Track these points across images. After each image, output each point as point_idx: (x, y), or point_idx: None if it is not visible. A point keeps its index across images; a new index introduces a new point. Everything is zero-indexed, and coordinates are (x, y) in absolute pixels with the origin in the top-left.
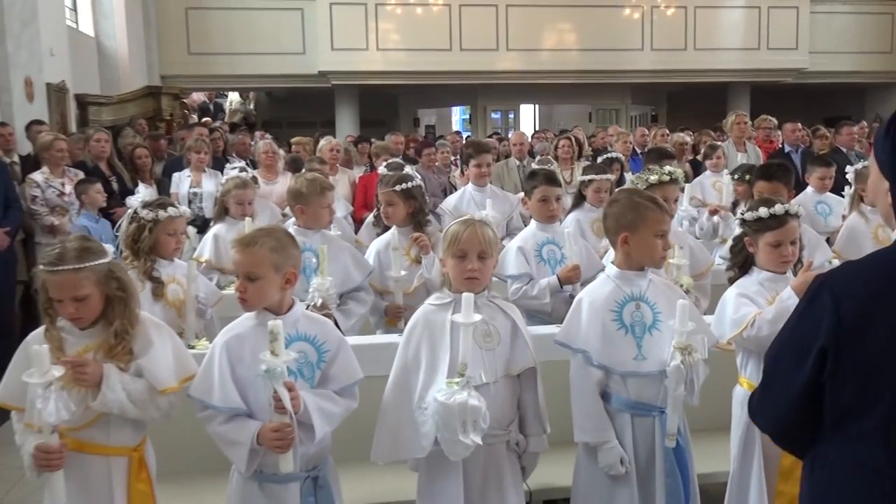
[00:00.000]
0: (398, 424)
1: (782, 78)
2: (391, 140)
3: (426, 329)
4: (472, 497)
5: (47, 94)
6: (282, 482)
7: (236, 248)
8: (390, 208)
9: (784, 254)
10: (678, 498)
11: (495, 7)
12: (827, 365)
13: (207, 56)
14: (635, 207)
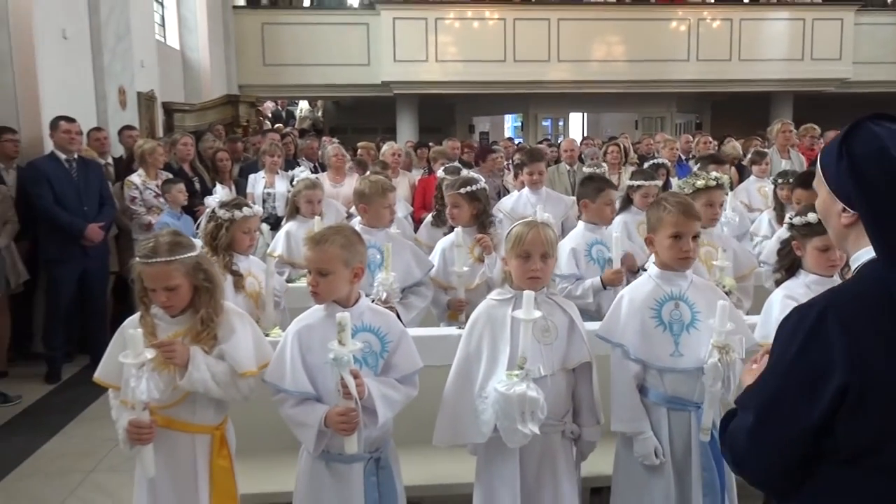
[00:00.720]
0: (459, 411)
1: (825, 87)
2: (448, 145)
3: (488, 323)
4: (527, 482)
5: (138, 102)
6: (347, 462)
7: (309, 246)
8: (456, 210)
9: (832, 258)
10: (714, 490)
11: (547, 21)
12: (846, 401)
13: (280, 67)
14: (658, 210)
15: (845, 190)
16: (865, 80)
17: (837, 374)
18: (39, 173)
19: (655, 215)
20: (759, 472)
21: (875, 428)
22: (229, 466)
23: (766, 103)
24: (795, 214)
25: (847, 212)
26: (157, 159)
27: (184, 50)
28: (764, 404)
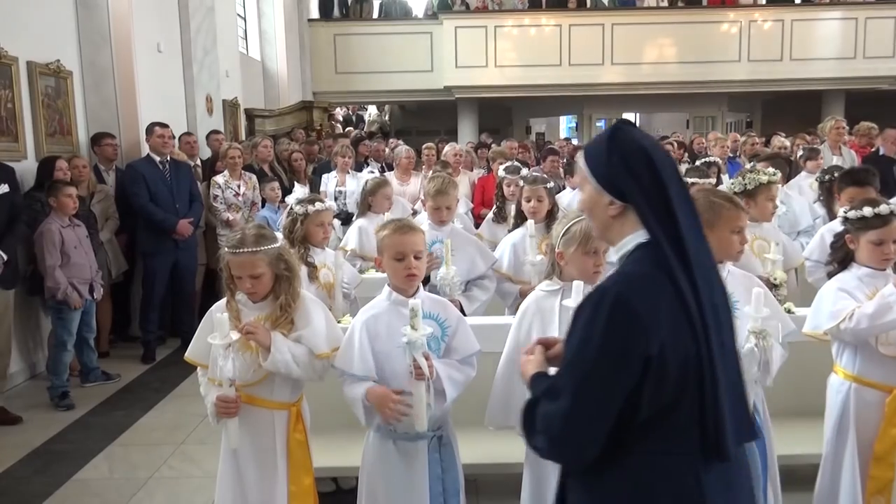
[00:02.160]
0: (509, 395)
1: (878, 85)
2: (506, 146)
3: (537, 312)
4: None
5: (223, 108)
6: (413, 440)
7: (402, 231)
8: (539, 203)
9: (886, 252)
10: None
11: (601, 26)
12: (650, 371)
13: (351, 75)
14: (711, 206)
15: (615, 184)
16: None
17: (641, 347)
18: (136, 174)
19: (710, 213)
20: (577, 451)
21: (672, 393)
22: (304, 440)
23: (817, 101)
24: (850, 208)
25: (614, 204)
26: (231, 160)
27: (264, 60)
28: (578, 386)
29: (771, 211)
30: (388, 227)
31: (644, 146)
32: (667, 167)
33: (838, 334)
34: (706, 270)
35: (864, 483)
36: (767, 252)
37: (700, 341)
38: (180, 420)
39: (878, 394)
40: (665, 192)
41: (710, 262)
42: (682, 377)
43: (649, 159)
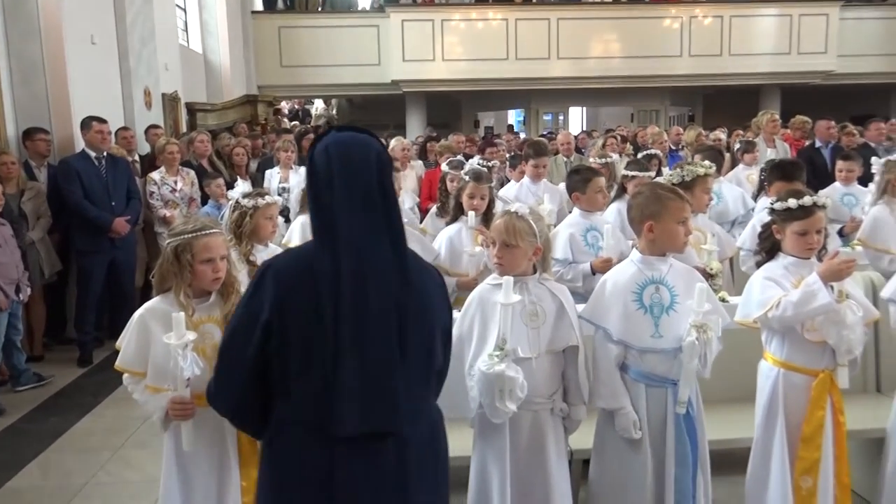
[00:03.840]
0: (452, 387)
1: (811, 80)
2: (453, 140)
3: (479, 306)
4: (518, 453)
5: (163, 102)
6: None
7: None
8: (482, 201)
9: (810, 242)
10: (686, 462)
11: (547, 20)
12: (272, 336)
13: (296, 68)
14: (657, 199)
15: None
16: (850, 73)
17: (264, 314)
18: (70, 170)
19: (657, 205)
20: (227, 406)
21: (298, 362)
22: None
23: (755, 95)
24: (776, 200)
25: None
26: (169, 156)
27: (206, 53)
28: (222, 347)
29: (707, 202)
30: None
31: (327, 146)
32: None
33: (767, 322)
34: (367, 263)
35: (793, 464)
36: (703, 243)
37: (328, 320)
38: (118, 424)
39: (805, 378)
40: (328, 185)
41: (380, 257)
42: (306, 349)
43: (329, 158)
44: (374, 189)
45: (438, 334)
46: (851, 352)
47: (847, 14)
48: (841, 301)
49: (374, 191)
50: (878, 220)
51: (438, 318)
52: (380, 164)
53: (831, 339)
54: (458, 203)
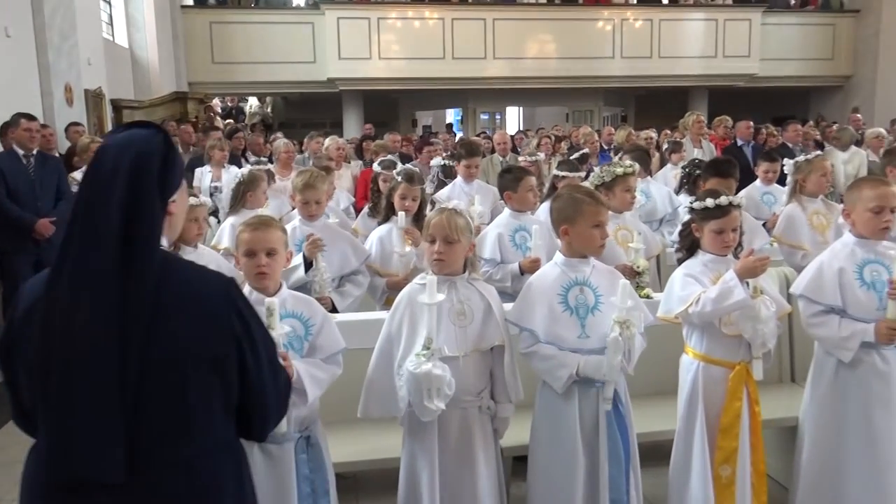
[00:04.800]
0: (382, 387)
1: (736, 82)
2: (388, 139)
3: (408, 305)
4: (446, 452)
5: (85, 99)
6: (278, 442)
7: (253, 227)
8: (413, 202)
9: (726, 240)
10: (619, 459)
11: (483, 20)
12: (16, 360)
13: (229, 65)
14: (573, 203)
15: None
16: (772, 76)
17: (4, 337)
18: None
19: (572, 209)
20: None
21: (27, 392)
22: None
23: (684, 97)
24: (694, 199)
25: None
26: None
27: (132, 48)
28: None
29: (629, 201)
30: (245, 224)
31: (106, 146)
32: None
33: (687, 317)
34: (84, 293)
35: (712, 454)
36: (630, 241)
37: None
38: None
39: (723, 370)
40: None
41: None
42: (31, 384)
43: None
44: (112, 206)
45: (204, 370)
46: (765, 345)
47: (769, 20)
48: (755, 297)
49: (112, 209)
50: (791, 217)
51: (199, 352)
52: (134, 172)
53: (747, 333)
54: (389, 203)
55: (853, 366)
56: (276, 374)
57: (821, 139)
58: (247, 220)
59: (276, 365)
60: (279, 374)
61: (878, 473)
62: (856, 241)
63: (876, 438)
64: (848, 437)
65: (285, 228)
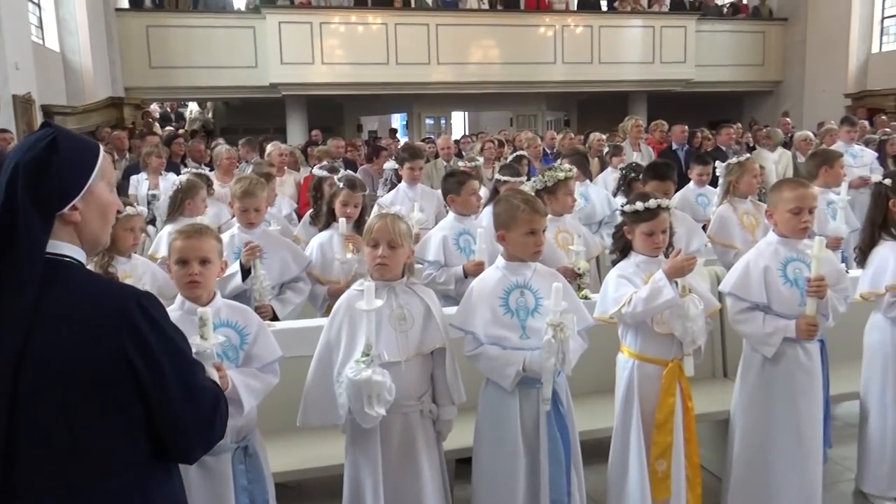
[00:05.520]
0: (321, 395)
1: (673, 87)
2: (332, 144)
3: (347, 312)
4: (389, 458)
5: (13, 104)
6: (215, 454)
7: (186, 235)
8: (355, 209)
9: (656, 241)
10: (559, 460)
11: (426, 26)
12: None
13: (168, 69)
14: (510, 209)
15: None
16: (707, 81)
17: None
18: None
19: (508, 215)
20: None
21: None
22: None
23: (625, 101)
24: (626, 202)
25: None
26: None
27: (64, 52)
28: None
29: (570, 204)
30: (178, 231)
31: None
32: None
33: (621, 318)
34: None
35: (648, 449)
36: (571, 244)
37: None
38: None
39: (657, 368)
40: None
41: None
42: None
43: None
44: None
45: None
46: (695, 342)
47: (703, 27)
48: (684, 296)
49: None
50: (723, 218)
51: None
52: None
53: (677, 331)
54: (330, 210)
55: (778, 360)
56: (192, 394)
57: (753, 142)
58: (180, 228)
59: (191, 385)
60: (198, 393)
61: (803, 461)
62: (779, 240)
63: (801, 429)
64: (775, 428)
65: (220, 237)
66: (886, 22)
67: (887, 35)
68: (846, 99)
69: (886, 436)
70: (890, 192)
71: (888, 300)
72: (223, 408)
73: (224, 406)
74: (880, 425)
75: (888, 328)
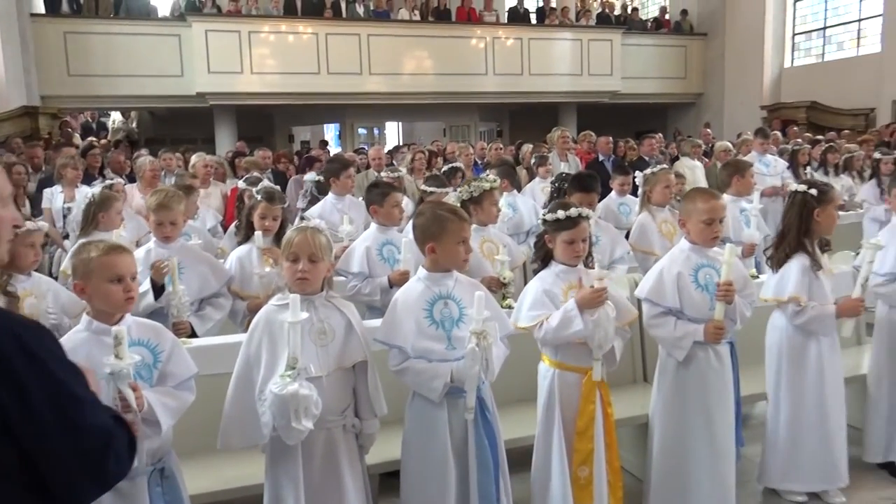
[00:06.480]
0: (242, 415)
1: (601, 99)
2: (259, 155)
3: (267, 327)
4: (311, 475)
5: None
6: (130, 478)
7: (117, 252)
8: (274, 222)
9: (577, 250)
10: (487, 466)
11: (358, 36)
12: None
13: (88, 77)
14: (438, 220)
15: None
16: (633, 93)
17: None
18: None
19: (437, 226)
20: None
21: None
22: None
23: (555, 112)
24: (547, 211)
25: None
26: None
27: None
28: None
29: (495, 214)
30: (95, 248)
31: None
32: None
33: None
34: None
35: (570, 456)
36: (496, 254)
37: None
38: None
39: (576, 376)
40: None
41: None
42: None
43: None
44: None
45: None
46: (602, 347)
47: (628, 40)
48: None
49: None
50: (643, 226)
51: None
52: None
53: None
54: (248, 222)
55: (690, 363)
56: (73, 430)
57: (677, 152)
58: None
59: (71, 420)
60: (82, 430)
61: (717, 460)
62: (691, 247)
63: (713, 429)
64: (689, 430)
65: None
66: (797, 38)
67: (798, 51)
68: (762, 111)
69: (779, 430)
70: (815, 201)
71: (793, 308)
72: (119, 446)
73: (121, 444)
74: (780, 421)
75: (785, 328)
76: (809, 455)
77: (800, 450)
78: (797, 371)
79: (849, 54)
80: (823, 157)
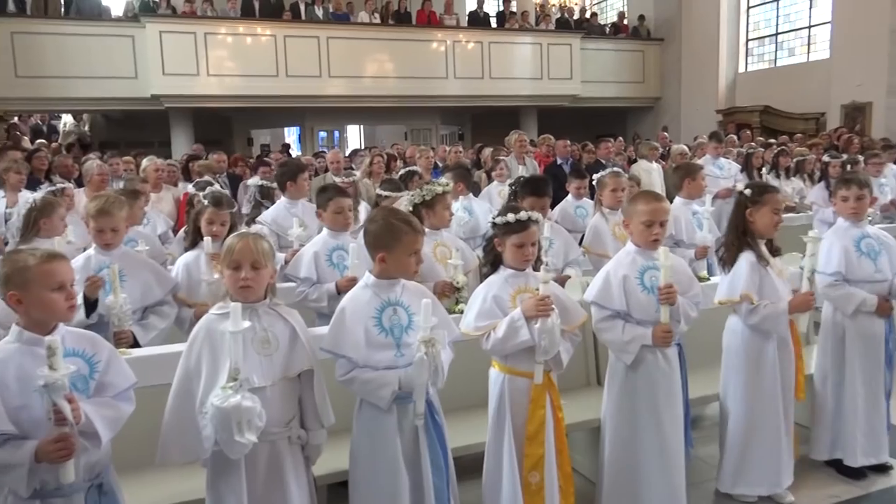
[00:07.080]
0: (182, 429)
1: (561, 102)
2: (214, 159)
3: (207, 338)
4: (255, 489)
5: None
6: (65, 495)
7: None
8: (222, 227)
9: (526, 253)
10: (441, 470)
11: (317, 38)
12: None
13: (37, 79)
14: (391, 230)
15: None
16: (592, 97)
17: None
18: None
19: (389, 236)
20: None
21: None
22: None
23: (516, 116)
24: (497, 214)
25: None
26: None
27: None
28: None
29: (448, 218)
30: (32, 256)
31: None
32: None
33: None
34: None
35: (521, 462)
36: (449, 258)
37: None
38: None
39: (526, 381)
40: None
41: None
42: None
43: None
44: None
45: None
46: (548, 353)
47: (587, 45)
48: None
49: None
50: (596, 228)
51: None
52: None
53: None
54: (196, 228)
55: (639, 366)
56: None
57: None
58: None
59: None
60: None
61: (667, 462)
62: (636, 249)
63: (663, 431)
64: (639, 432)
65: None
66: (751, 44)
67: (752, 56)
68: (717, 115)
69: (736, 434)
70: (748, 201)
71: (746, 308)
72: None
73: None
74: (735, 424)
75: (742, 331)
76: (759, 459)
77: (751, 453)
78: (754, 374)
79: (800, 60)
80: (776, 160)
